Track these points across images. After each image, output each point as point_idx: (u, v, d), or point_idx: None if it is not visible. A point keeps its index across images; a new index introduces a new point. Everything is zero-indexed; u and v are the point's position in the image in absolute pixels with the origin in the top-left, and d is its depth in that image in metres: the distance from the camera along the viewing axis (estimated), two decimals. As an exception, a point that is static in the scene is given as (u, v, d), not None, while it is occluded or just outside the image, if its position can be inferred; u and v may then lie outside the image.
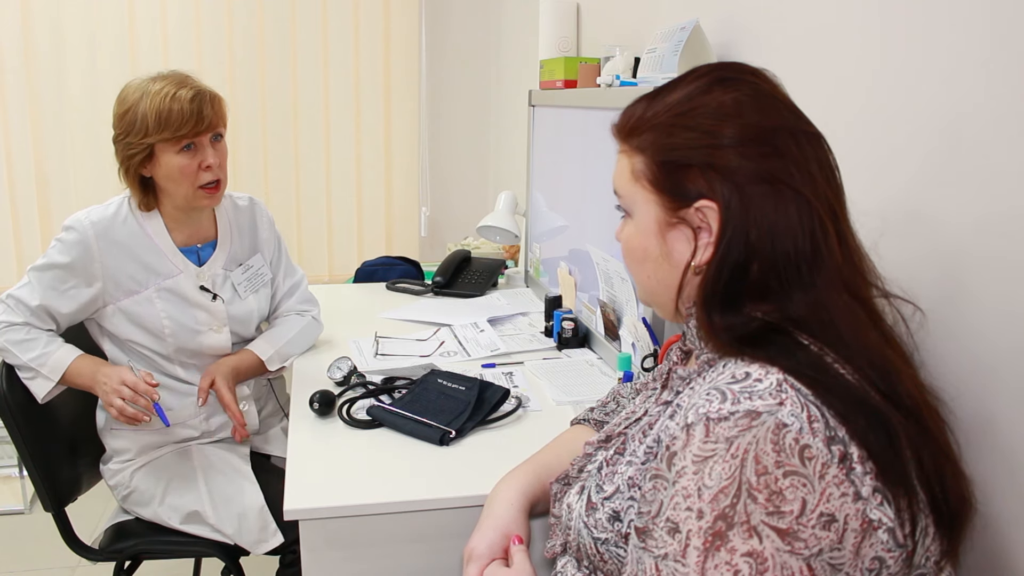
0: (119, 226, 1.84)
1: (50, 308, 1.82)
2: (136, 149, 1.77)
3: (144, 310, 1.85)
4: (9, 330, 1.81)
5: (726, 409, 0.79)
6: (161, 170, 1.80)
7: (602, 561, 0.97)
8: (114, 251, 1.82)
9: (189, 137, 1.78)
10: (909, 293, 0.96)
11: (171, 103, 1.75)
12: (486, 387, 1.69)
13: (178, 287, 1.88)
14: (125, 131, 1.78)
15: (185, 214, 1.90)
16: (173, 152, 1.78)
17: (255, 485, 1.89)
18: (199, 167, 1.81)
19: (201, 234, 1.96)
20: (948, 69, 1.05)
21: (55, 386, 1.82)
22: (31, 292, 1.82)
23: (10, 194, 3.50)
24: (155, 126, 1.75)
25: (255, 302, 2.02)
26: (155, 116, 1.74)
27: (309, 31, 3.64)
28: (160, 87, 1.77)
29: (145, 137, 1.76)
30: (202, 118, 1.78)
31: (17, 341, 1.81)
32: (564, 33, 2.51)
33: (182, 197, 1.84)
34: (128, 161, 1.80)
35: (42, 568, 2.87)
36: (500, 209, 2.76)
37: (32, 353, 1.81)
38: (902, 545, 0.79)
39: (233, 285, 1.97)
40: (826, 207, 0.88)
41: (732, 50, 1.62)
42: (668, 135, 0.92)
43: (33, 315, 1.82)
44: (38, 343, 1.81)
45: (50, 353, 1.81)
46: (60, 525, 1.94)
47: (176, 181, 1.81)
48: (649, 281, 0.99)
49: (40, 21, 3.41)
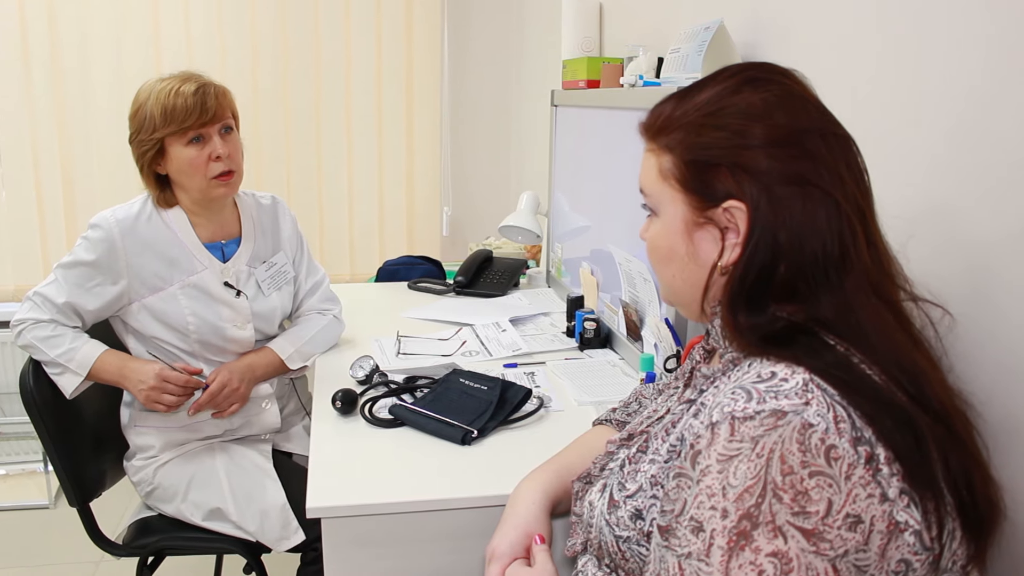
0: (144, 223, 1.86)
1: (76, 305, 1.84)
2: (148, 146, 1.82)
3: (169, 307, 1.87)
4: (36, 327, 1.83)
5: (752, 408, 0.79)
6: (173, 164, 1.84)
7: (623, 559, 0.97)
8: (139, 248, 1.84)
9: (195, 129, 1.81)
10: (938, 297, 0.95)
11: (175, 97, 1.79)
12: (508, 387, 1.69)
13: (202, 283, 1.90)
14: (137, 129, 1.83)
15: (205, 208, 1.92)
16: (181, 145, 1.82)
17: (277, 483, 1.90)
18: (208, 158, 1.84)
19: (225, 231, 1.98)
20: (984, 72, 1.03)
21: (82, 381, 1.85)
22: (57, 289, 1.84)
23: (37, 194, 3.54)
24: (161, 120, 1.79)
25: (278, 299, 2.03)
26: (161, 110, 1.79)
27: (331, 33, 3.65)
28: (166, 84, 1.82)
29: (154, 133, 1.80)
30: (206, 109, 1.81)
31: (44, 338, 1.83)
32: (587, 33, 2.51)
33: (197, 190, 1.87)
34: (142, 159, 1.84)
35: (66, 562, 2.90)
36: (522, 209, 2.76)
37: (59, 349, 1.83)
38: (929, 548, 0.78)
39: (257, 282, 1.98)
40: (855, 209, 0.88)
41: (757, 50, 1.61)
42: (697, 134, 0.91)
43: (59, 312, 1.84)
44: (64, 339, 1.83)
45: (77, 349, 1.83)
46: (85, 520, 1.96)
47: (188, 174, 1.84)
48: (674, 280, 0.98)
49: (66, 23, 3.44)
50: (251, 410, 1.99)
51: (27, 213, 3.55)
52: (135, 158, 1.86)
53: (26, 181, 3.53)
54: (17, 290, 3.58)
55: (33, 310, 1.85)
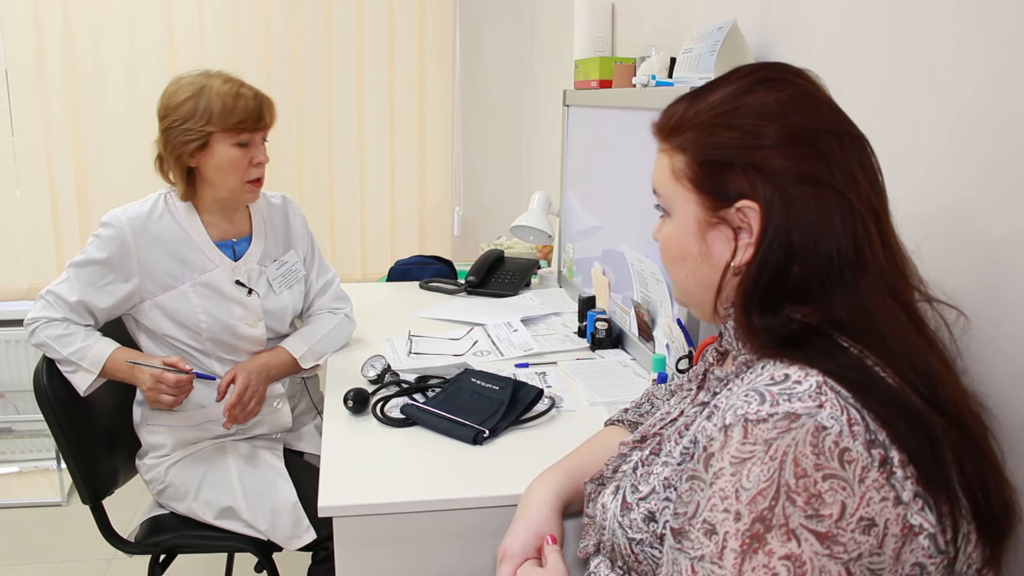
0: (155, 222, 1.87)
1: (88, 303, 1.85)
2: (193, 136, 1.81)
3: (180, 305, 1.88)
4: (49, 326, 1.84)
5: (765, 411, 0.79)
6: (213, 161, 1.84)
7: (636, 562, 0.96)
8: (151, 246, 1.85)
9: (248, 132, 1.86)
10: (953, 298, 0.94)
11: (236, 99, 1.83)
12: (519, 387, 1.69)
13: (214, 281, 1.90)
14: (183, 118, 1.82)
15: (223, 208, 1.94)
16: (229, 144, 1.84)
17: (288, 482, 1.90)
18: (250, 162, 1.87)
19: (236, 229, 1.99)
20: (998, 71, 1.03)
21: (96, 379, 1.85)
22: (70, 288, 1.85)
23: (51, 193, 3.55)
24: (220, 116, 1.81)
25: (289, 297, 2.04)
26: (221, 107, 1.81)
27: (343, 32, 3.66)
28: (223, 82, 1.85)
29: (206, 125, 1.81)
30: (261, 116, 1.88)
31: (57, 336, 1.84)
32: (599, 33, 2.50)
33: (227, 190, 1.88)
34: (181, 148, 1.83)
35: (79, 559, 2.92)
36: (533, 209, 2.76)
37: (72, 347, 1.84)
38: (943, 551, 0.78)
39: (268, 280, 1.99)
40: (869, 209, 0.87)
41: (770, 50, 1.60)
42: (710, 134, 0.91)
43: (72, 311, 1.85)
44: (77, 337, 1.84)
45: (89, 347, 1.84)
46: (97, 517, 1.97)
47: (226, 173, 1.86)
48: (687, 281, 0.98)
49: (80, 25, 3.45)
50: (263, 409, 1.99)
51: (41, 213, 3.57)
52: (169, 147, 1.85)
53: (40, 181, 3.55)
54: (31, 289, 3.59)
55: (46, 308, 1.86)
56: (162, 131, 1.85)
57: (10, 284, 3.62)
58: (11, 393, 3.63)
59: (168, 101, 1.84)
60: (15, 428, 3.66)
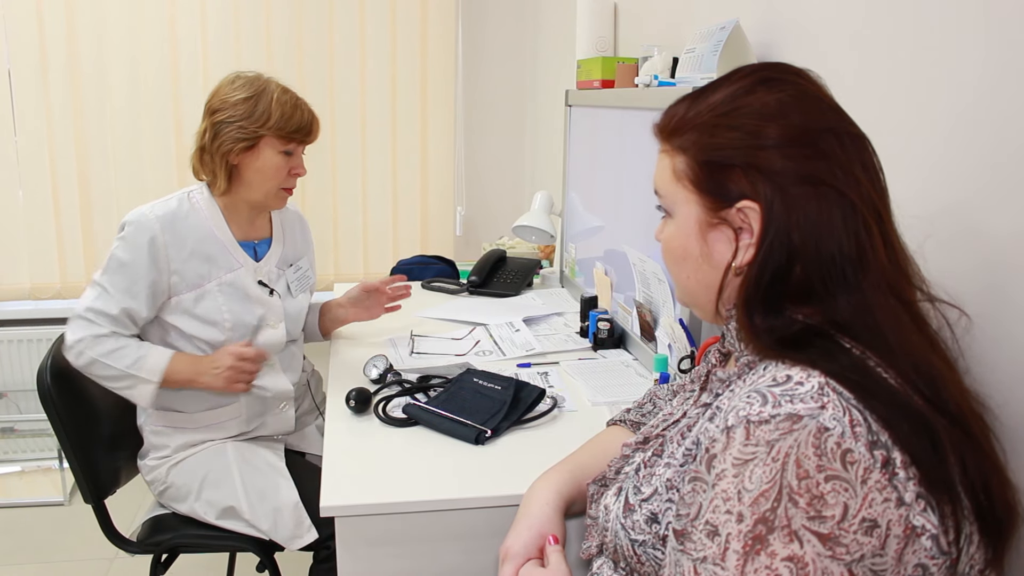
0: (182, 220, 1.87)
1: (131, 311, 1.83)
2: (246, 134, 1.84)
3: (206, 303, 1.88)
4: (97, 343, 1.81)
5: (767, 412, 0.79)
6: (257, 162, 1.87)
7: (639, 563, 0.96)
8: (179, 244, 1.85)
9: (297, 142, 1.91)
10: (955, 298, 0.94)
11: (294, 109, 1.89)
12: (522, 387, 1.69)
13: (239, 281, 1.91)
14: (240, 117, 1.84)
15: (251, 210, 1.96)
16: (277, 150, 1.87)
17: (290, 481, 1.90)
18: (290, 171, 1.91)
19: (256, 232, 2.01)
20: (1000, 70, 1.03)
21: (156, 389, 1.84)
22: (107, 300, 1.82)
23: (53, 194, 3.55)
24: (278, 121, 1.84)
25: (304, 301, 2.08)
26: (280, 113, 1.85)
27: (346, 32, 3.66)
28: (282, 90, 1.90)
29: (263, 127, 1.84)
30: (311, 131, 1.94)
31: (109, 352, 1.81)
32: (601, 33, 2.50)
33: (262, 193, 1.91)
34: (230, 144, 1.84)
35: (81, 559, 2.92)
36: (536, 209, 2.76)
37: (127, 360, 1.82)
38: (946, 552, 0.77)
39: (287, 283, 2.02)
40: (870, 209, 0.87)
41: (773, 50, 1.60)
42: (711, 135, 0.91)
43: (116, 323, 1.83)
44: (130, 349, 1.83)
45: (145, 356, 1.83)
46: (99, 517, 1.97)
47: (266, 176, 1.88)
48: (689, 281, 0.98)
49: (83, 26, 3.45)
50: (269, 409, 2.00)
51: (43, 213, 3.57)
52: (214, 140, 1.85)
53: (43, 181, 3.55)
54: (33, 289, 3.60)
55: (88, 327, 1.82)
56: (211, 124, 1.86)
57: (12, 284, 3.62)
58: (13, 392, 3.63)
59: (225, 97, 1.86)
60: (17, 427, 3.67)
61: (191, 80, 3.57)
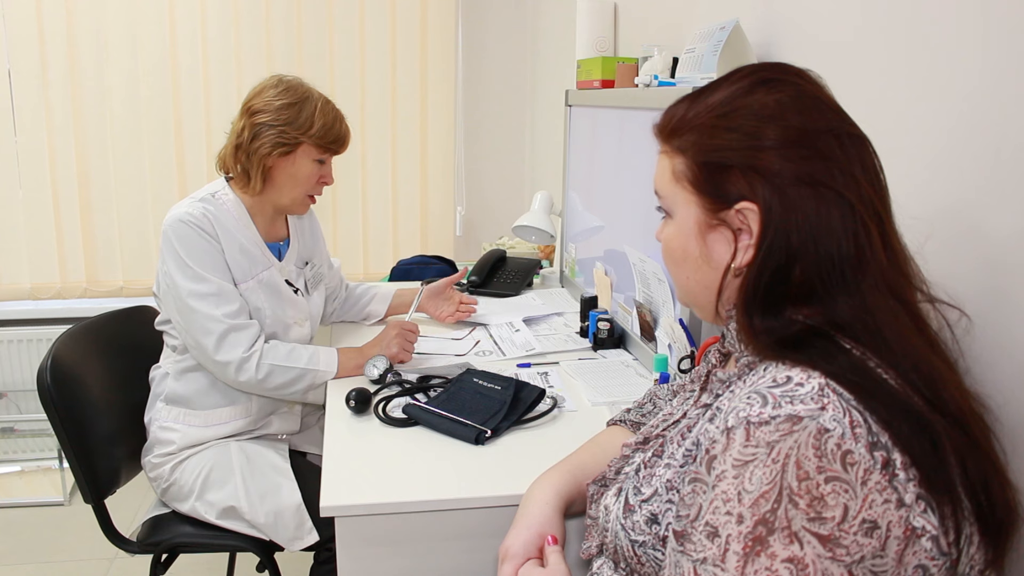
0: (224, 215, 1.89)
1: (248, 305, 1.88)
2: (287, 139, 1.86)
3: (251, 299, 1.90)
4: (269, 351, 1.84)
5: (767, 413, 0.79)
6: (291, 168, 1.89)
7: (639, 564, 0.96)
8: (227, 238, 1.87)
9: (332, 153, 1.94)
10: (955, 299, 0.94)
11: (337, 122, 1.92)
12: (522, 387, 1.69)
13: (272, 279, 1.94)
14: (283, 121, 1.85)
15: (274, 212, 1.99)
16: (312, 158, 1.90)
17: (293, 482, 1.90)
18: (319, 179, 1.94)
19: (276, 232, 2.03)
20: (1000, 70, 1.03)
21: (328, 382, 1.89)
22: (228, 309, 1.82)
23: (53, 194, 3.55)
24: (320, 130, 1.87)
25: (320, 299, 2.12)
26: (323, 122, 1.88)
27: (346, 32, 3.66)
28: (325, 101, 1.93)
29: (304, 133, 1.86)
30: (345, 143, 1.96)
31: (285, 355, 1.85)
32: (601, 33, 2.50)
33: (290, 198, 1.94)
34: (270, 147, 1.85)
35: (81, 559, 2.92)
36: (536, 209, 2.76)
37: (303, 358, 1.86)
38: (946, 553, 0.77)
39: (305, 281, 2.06)
40: (870, 210, 0.87)
41: (773, 50, 1.60)
42: (709, 136, 0.91)
43: (245, 312, 1.86)
44: (299, 348, 1.88)
45: (316, 352, 1.88)
46: (99, 517, 1.97)
47: (297, 182, 1.91)
48: (688, 282, 0.98)
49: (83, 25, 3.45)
50: (277, 409, 2.02)
51: (43, 213, 3.57)
52: (253, 141, 1.86)
53: (43, 181, 3.55)
54: (33, 289, 3.60)
55: (240, 344, 1.81)
56: (251, 124, 1.86)
57: (12, 284, 3.61)
58: (13, 393, 3.63)
59: (269, 100, 1.87)
60: (17, 427, 3.67)
61: (191, 80, 3.57)
